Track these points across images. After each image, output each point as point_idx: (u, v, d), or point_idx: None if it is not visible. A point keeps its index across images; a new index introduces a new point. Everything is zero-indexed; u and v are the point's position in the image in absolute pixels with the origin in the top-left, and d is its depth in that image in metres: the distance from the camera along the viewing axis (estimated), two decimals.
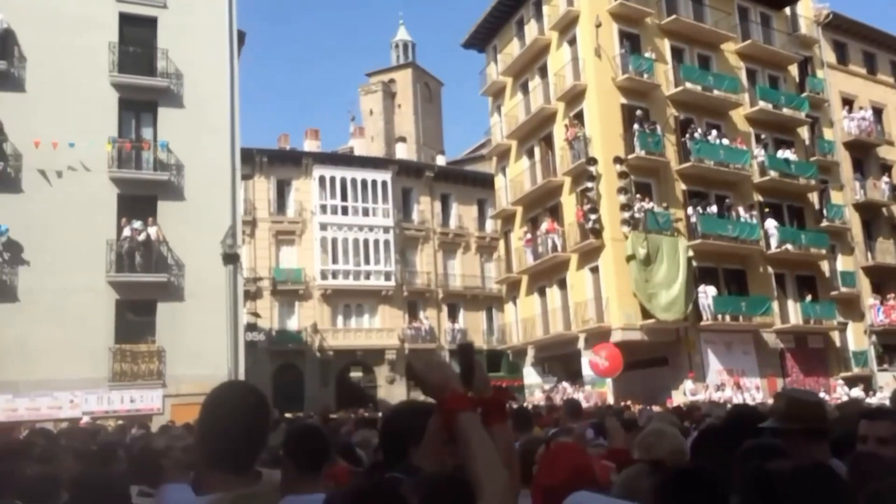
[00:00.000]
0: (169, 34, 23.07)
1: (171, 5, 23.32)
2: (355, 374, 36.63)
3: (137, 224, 21.33)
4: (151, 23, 23.09)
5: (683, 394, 23.86)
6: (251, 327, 31.58)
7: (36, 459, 5.35)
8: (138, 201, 21.73)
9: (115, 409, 20.09)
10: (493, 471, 1.48)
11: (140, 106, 22.78)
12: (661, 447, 2.91)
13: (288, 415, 15.40)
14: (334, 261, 36.17)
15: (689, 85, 27.70)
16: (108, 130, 21.72)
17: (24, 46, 21.50)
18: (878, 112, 34.79)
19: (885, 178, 33.75)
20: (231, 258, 17.94)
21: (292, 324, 35.60)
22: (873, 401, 17.79)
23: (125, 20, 22.79)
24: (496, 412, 1.90)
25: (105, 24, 22.22)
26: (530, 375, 30.49)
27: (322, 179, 36.86)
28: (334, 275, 36.11)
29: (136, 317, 21.40)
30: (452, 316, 39.76)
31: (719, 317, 26.18)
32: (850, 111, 33.65)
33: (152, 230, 21.48)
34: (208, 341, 19.91)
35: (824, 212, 30.86)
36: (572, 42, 28.13)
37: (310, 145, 41.06)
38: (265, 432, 2.12)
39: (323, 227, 36.25)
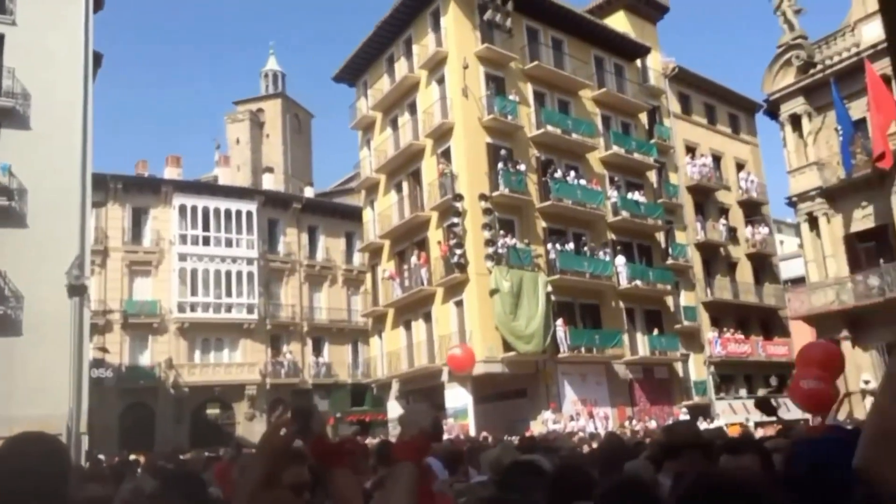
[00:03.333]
0: (17, 53, 21.82)
1: (20, 23, 22.08)
2: (212, 412, 35.14)
3: None
4: None
5: (542, 424, 24.56)
6: (98, 363, 29.61)
7: None
8: None
9: None
10: None
11: None
12: None
13: (133, 456, 14.53)
14: (193, 293, 34.75)
15: (549, 128, 28.94)
16: None
17: None
18: (717, 159, 37.91)
19: (723, 221, 36.65)
20: (77, 290, 16.82)
21: (145, 359, 33.77)
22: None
23: None
24: (337, 458, 2.10)
25: None
26: (394, 409, 30.39)
27: (182, 208, 35.49)
28: (193, 307, 34.68)
29: None
30: (317, 350, 39.15)
31: (575, 350, 27.23)
32: (692, 158, 36.35)
33: None
34: (48, 379, 18.55)
35: (670, 250, 33.02)
36: (441, 81, 28.83)
37: (171, 173, 39.42)
38: (60, 483, 2.07)
39: (182, 257, 34.81)
